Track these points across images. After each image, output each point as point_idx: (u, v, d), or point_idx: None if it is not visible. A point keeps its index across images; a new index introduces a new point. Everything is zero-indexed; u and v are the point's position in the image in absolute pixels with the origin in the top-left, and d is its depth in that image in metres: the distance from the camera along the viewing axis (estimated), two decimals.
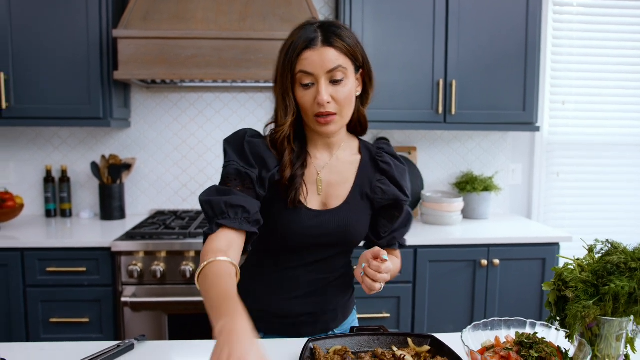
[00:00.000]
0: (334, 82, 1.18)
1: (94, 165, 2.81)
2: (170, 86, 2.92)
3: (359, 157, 1.34)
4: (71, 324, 2.37)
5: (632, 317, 1.05)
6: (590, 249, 1.11)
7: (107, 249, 2.35)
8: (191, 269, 2.34)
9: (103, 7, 2.51)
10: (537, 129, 2.81)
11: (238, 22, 2.47)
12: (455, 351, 1.09)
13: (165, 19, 2.46)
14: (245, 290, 1.29)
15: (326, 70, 1.16)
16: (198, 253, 2.36)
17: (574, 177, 3.28)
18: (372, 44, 2.63)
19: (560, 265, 2.65)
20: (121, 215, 2.86)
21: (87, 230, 2.60)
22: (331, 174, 1.30)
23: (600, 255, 1.10)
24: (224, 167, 1.22)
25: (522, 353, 1.03)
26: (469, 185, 2.94)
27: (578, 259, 1.12)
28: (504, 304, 2.60)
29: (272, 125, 1.27)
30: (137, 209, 3.02)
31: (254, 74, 2.46)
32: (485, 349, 1.10)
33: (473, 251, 2.54)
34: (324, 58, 1.16)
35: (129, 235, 2.41)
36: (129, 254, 2.34)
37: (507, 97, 2.75)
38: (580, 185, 3.29)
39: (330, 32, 1.18)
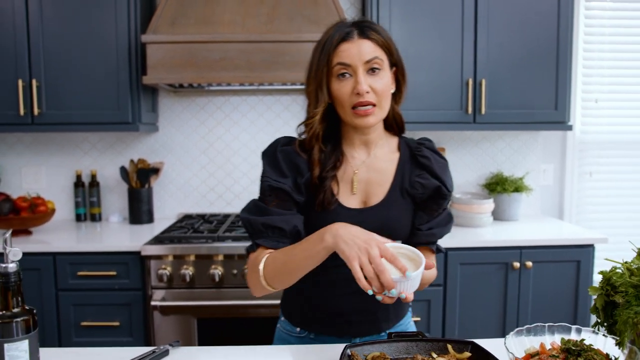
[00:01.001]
0: (372, 73, 1.18)
1: (122, 170, 2.83)
2: (197, 90, 2.93)
3: (397, 154, 1.32)
4: (102, 328, 2.39)
5: None
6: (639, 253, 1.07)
7: (137, 253, 2.36)
8: (220, 273, 2.34)
9: (131, 13, 2.53)
10: (570, 127, 2.74)
11: (265, 25, 2.47)
12: (497, 357, 1.06)
13: (193, 23, 2.46)
14: (295, 291, 1.32)
15: (364, 60, 1.17)
16: (227, 257, 2.36)
17: (607, 177, 3.19)
18: (400, 45, 2.55)
19: (598, 268, 2.59)
20: (149, 219, 2.87)
21: (116, 234, 2.62)
22: (369, 172, 1.28)
23: None
24: (260, 182, 1.25)
25: None
26: (499, 186, 2.88)
27: (626, 262, 1.08)
28: (537, 308, 2.54)
29: (303, 126, 1.27)
30: (165, 213, 3.03)
31: (281, 76, 2.45)
32: (529, 356, 1.06)
33: (505, 253, 2.49)
34: (361, 49, 1.17)
35: (158, 239, 2.42)
36: (158, 257, 2.35)
37: (538, 95, 2.69)
38: (614, 185, 3.20)
39: (365, 27, 1.19)
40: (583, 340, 1.05)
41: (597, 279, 2.80)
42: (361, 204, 1.27)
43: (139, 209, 2.84)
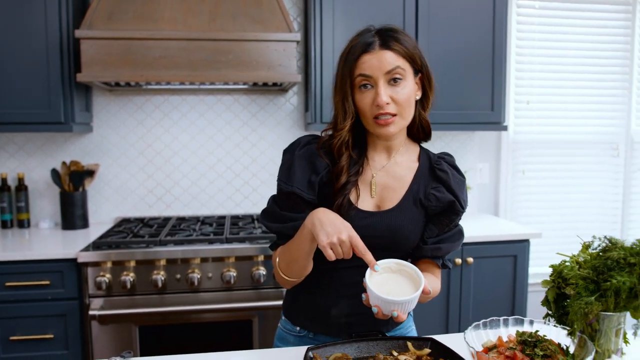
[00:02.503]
0: (393, 83, 1.19)
1: (54, 173, 2.67)
2: (135, 88, 2.81)
3: (417, 164, 1.32)
4: (34, 341, 2.24)
5: (628, 311, 1.06)
6: (587, 246, 1.12)
7: (73, 260, 2.23)
8: (162, 278, 2.25)
9: (63, 5, 2.40)
10: (505, 128, 2.86)
11: (207, 22, 2.40)
12: (458, 353, 1.07)
13: (131, 18, 2.36)
14: (295, 291, 1.35)
15: (384, 71, 1.18)
16: (169, 261, 2.28)
17: (538, 175, 3.36)
18: (344, 46, 2.61)
19: (532, 262, 2.69)
20: (84, 224, 2.73)
21: (48, 241, 2.47)
22: (387, 177, 1.30)
23: (596, 251, 1.10)
24: (277, 182, 1.29)
25: (526, 352, 1.02)
26: None
27: (574, 256, 1.13)
28: (478, 302, 2.62)
29: (330, 131, 1.29)
30: (101, 217, 2.89)
31: (223, 76, 2.39)
32: (487, 349, 1.08)
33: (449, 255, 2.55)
34: (382, 60, 1.18)
35: (96, 245, 2.30)
36: (96, 264, 2.24)
37: (475, 97, 2.79)
38: (545, 183, 3.37)
39: (388, 36, 1.20)
40: (537, 331, 1.09)
41: (532, 272, 2.94)
42: (375, 207, 1.28)
43: (73, 214, 2.69)
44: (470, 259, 2.56)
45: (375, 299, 1.06)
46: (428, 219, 1.31)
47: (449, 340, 1.19)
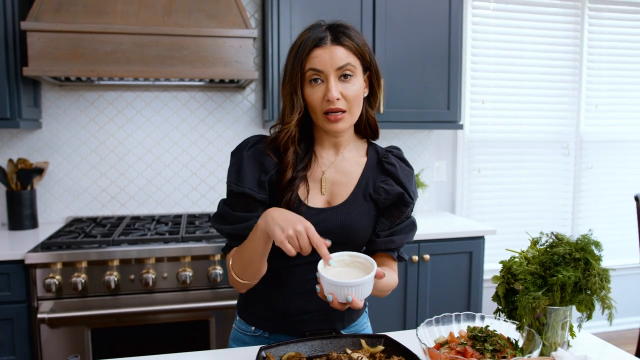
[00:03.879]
0: (343, 80, 1.20)
1: (0, 170, 2.56)
2: (86, 84, 2.73)
3: (365, 158, 1.33)
4: None
5: (574, 305, 1.09)
6: (535, 242, 1.14)
7: (20, 262, 2.14)
8: (115, 279, 2.19)
9: None
10: (461, 127, 2.90)
11: (162, 17, 2.35)
12: (410, 349, 1.08)
13: (81, 11, 2.28)
14: (254, 290, 1.32)
15: (335, 67, 1.18)
16: (123, 261, 2.22)
17: (493, 173, 3.43)
18: None
19: (487, 258, 2.76)
20: (33, 224, 2.63)
21: None
22: (336, 173, 1.30)
23: (544, 247, 1.13)
24: (227, 184, 1.27)
25: (477, 347, 1.03)
26: None
27: (523, 252, 1.15)
28: (434, 299, 2.66)
29: (277, 128, 1.28)
30: (51, 217, 2.79)
31: (179, 72, 2.35)
32: (439, 345, 1.10)
33: (404, 247, 2.57)
34: (334, 56, 1.18)
35: (45, 246, 2.21)
36: (45, 266, 2.15)
37: (432, 96, 2.82)
38: (500, 181, 3.45)
39: (339, 32, 1.21)
40: (488, 326, 1.11)
41: (487, 268, 3.01)
42: (325, 204, 1.28)
43: (20, 214, 2.59)
44: (427, 256, 2.59)
45: (329, 285, 1.05)
46: (379, 212, 1.32)
47: (403, 337, 1.20)
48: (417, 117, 2.82)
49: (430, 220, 2.94)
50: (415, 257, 2.58)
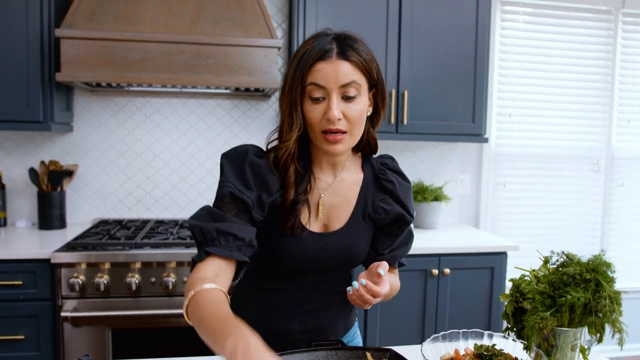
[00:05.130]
0: (346, 98, 1.11)
1: (32, 172, 2.65)
2: (116, 90, 2.81)
3: (361, 175, 1.27)
4: (5, 342, 2.21)
5: (585, 327, 1.07)
6: (546, 260, 1.12)
7: (46, 261, 2.21)
8: (137, 281, 2.24)
9: (44, 5, 2.39)
10: (486, 140, 2.87)
11: (189, 26, 2.40)
12: None
13: (112, 19, 2.36)
14: (243, 309, 1.22)
15: (339, 84, 1.09)
16: (145, 264, 2.26)
17: (519, 188, 3.38)
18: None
19: (510, 274, 2.72)
20: (61, 224, 2.71)
21: (23, 241, 2.45)
22: (334, 196, 1.23)
23: (555, 266, 1.11)
24: (219, 187, 1.14)
25: None
26: (419, 195, 2.96)
27: (534, 270, 1.13)
28: (454, 314, 2.63)
29: (276, 142, 1.19)
30: (79, 218, 2.87)
31: (205, 80, 2.39)
32: None
33: (424, 261, 2.56)
34: (338, 71, 1.09)
35: (70, 246, 2.28)
36: (70, 265, 2.22)
37: (457, 108, 2.80)
38: (525, 195, 3.39)
39: (347, 45, 1.12)
40: (494, 345, 1.09)
41: (509, 285, 2.95)
42: (322, 228, 1.23)
43: (50, 214, 2.67)
44: (447, 270, 2.57)
45: None
46: (377, 230, 1.28)
47: (410, 351, 1.19)
48: (441, 130, 2.80)
49: (452, 234, 2.91)
50: (435, 271, 2.56)
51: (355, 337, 1.43)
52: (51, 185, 2.67)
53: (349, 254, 1.23)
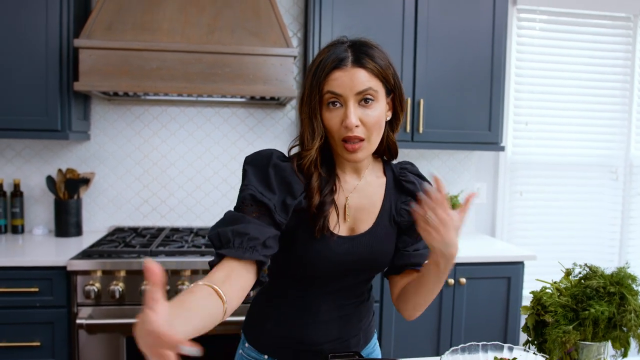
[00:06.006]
0: (363, 105, 1.11)
1: (49, 180, 2.68)
2: (133, 99, 2.83)
3: (384, 179, 1.28)
4: (21, 349, 2.22)
5: (609, 341, 1.04)
6: (568, 273, 1.10)
7: (62, 268, 2.22)
8: None
9: (64, 16, 2.42)
10: (502, 148, 2.84)
11: (206, 35, 2.42)
12: None
13: (130, 29, 2.38)
14: (263, 316, 1.25)
15: (355, 92, 1.10)
16: None
17: (536, 196, 3.34)
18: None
19: (527, 284, 2.68)
20: (78, 232, 2.73)
21: (40, 248, 2.47)
22: (360, 198, 1.23)
23: (577, 278, 1.09)
24: (241, 190, 1.14)
25: None
26: None
27: (555, 283, 1.11)
28: (470, 324, 2.59)
29: (297, 148, 1.20)
30: (95, 226, 2.89)
31: (220, 89, 2.40)
32: None
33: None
34: (354, 79, 1.10)
35: (86, 254, 2.29)
36: (86, 273, 2.23)
37: (473, 116, 2.78)
38: (543, 204, 3.35)
39: (362, 52, 1.12)
40: (515, 359, 1.07)
41: (526, 295, 2.91)
42: (349, 231, 1.22)
43: (67, 222, 2.69)
44: (463, 280, 2.54)
45: None
46: (399, 231, 1.28)
47: None
48: (457, 138, 2.78)
49: (468, 243, 2.88)
50: (452, 281, 2.53)
51: (375, 349, 1.42)
52: (68, 193, 2.70)
53: (376, 256, 1.23)
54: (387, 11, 2.65)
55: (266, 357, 1.28)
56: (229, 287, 0.99)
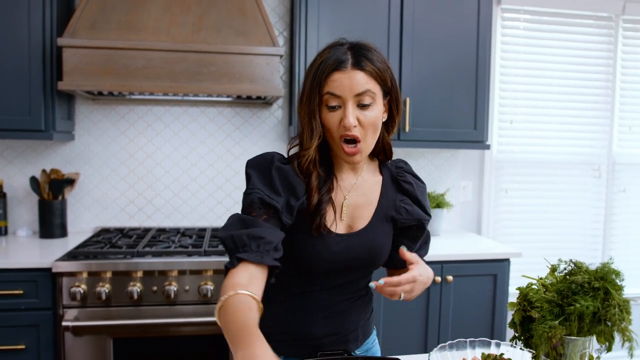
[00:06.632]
0: (361, 106, 1.15)
1: (33, 180, 2.65)
2: (118, 98, 2.80)
3: (380, 177, 1.32)
4: (5, 352, 2.19)
5: (594, 336, 1.06)
6: (553, 269, 1.12)
7: (47, 270, 2.20)
8: (139, 290, 2.22)
9: (47, 14, 2.39)
10: (488, 147, 2.87)
11: (191, 34, 2.40)
12: None
13: (114, 28, 2.36)
14: (268, 313, 1.25)
15: (354, 93, 1.14)
16: (146, 273, 2.25)
17: (521, 194, 3.37)
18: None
19: (512, 281, 2.70)
20: (62, 233, 2.70)
21: (24, 250, 2.44)
22: (357, 196, 1.27)
23: (563, 274, 1.11)
24: (247, 194, 1.16)
25: None
26: None
27: (541, 278, 1.13)
28: (457, 321, 2.62)
29: (296, 149, 1.24)
30: (81, 227, 2.86)
31: (206, 88, 2.39)
32: None
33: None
34: (353, 81, 1.14)
35: (72, 255, 2.27)
36: (72, 274, 2.20)
37: (459, 115, 2.80)
38: (527, 202, 3.38)
39: (361, 55, 1.16)
40: (502, 354, 1.08)
41: (512, 291, 2.94)
42: (347, 229, 1.26)
43: (51, 223, 2.66)
44: (450, 277, 2.55)
45: None
46: (398, 233, 1.32)
47: None
48: (443, 137, 2.80)
49: (455, 241, 2.90)
50: (438, 278, 2.55)
51: (374, 344, 1.44)
52: (52, 193, 2.67)
53: (373, 253, 1.26)
54: (373, 11, 2.66)
55: None
56: (254, 289, 1.03)
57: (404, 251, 1.18)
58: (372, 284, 1.15)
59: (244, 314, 0.95)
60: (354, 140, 1.16)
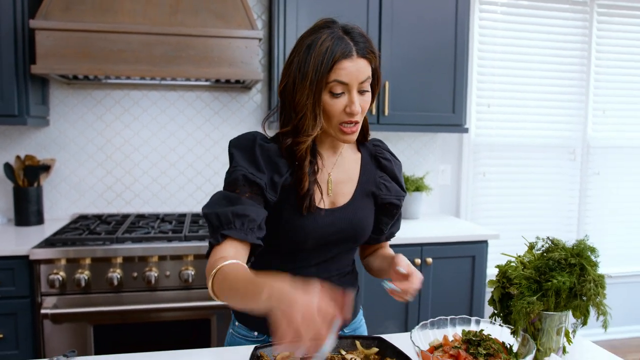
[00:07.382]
0: (362, 92, 1.18)
1: (7, 167, 2.59)
2: (94, 82, 2.75)
3: (359, 154, 1.36)
4: None
5: (570, 311, 1.09)
6: (531, 246, 1.14)
7: (24, 257, 2.16)
8: (118, 276, 2.21)
9: None
10: (466, 130, 2.90)
11: (169, 16, 2.37)
12: (403, 351, 1.08)
13: (89, 10, 2.30)
14: None
15: (360, 81, 1.16)
16: (126, 259, 2.23)
17: (498, 177, 3.42)
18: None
19: (490, 262, 2.75)
20: (39, 220, 2.65)
21: (0, 238, 2.39)
22: (339, 173, 1.31)
23: (540, 252, 1.13)
24: (231, 171, 1.17)
25: (470, 351, 1.04)
26: None
27: (520, 256, 1.15)
28: (437, 302, 2.66)
29: (274, 127, 1.25)
30: (57, 214, 2.82)
31: (185, 71, 2.36)
32: (433, 348, 1.10)
33: (406, 250, 2.58)
34: (359, 69, 1.16)
35: (49, 242, 2.24)
36: (50, 262, 2.18)
37: (437, 99, 2.82)
38: (505, 185, 3.44)
39: (362, 42, 1.17)
40: (482, 330, 1.11)
41: (490, 272, 2.99)
42: (330, 204, 1.28)
43: (27, 210, 2.61)
44: (430, 260, 2.59)
45: None
46: (377, 210, 1.36)
47: (398, 339, 1.20)
48: (422, 120, 2.81)
49: (434, 224, 2.94)
50: (418, 261, 2.58)
51: (361, 324, 1.47)
52: (27, 180, 2.62)
53: (356, 227, 1.29)
54: None
55: (256, 333, 1.33)
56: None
57: (398, 269, 1.19)
58: (390, 284, 1.18)
59: (246, 271, 0.99)
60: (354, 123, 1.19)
